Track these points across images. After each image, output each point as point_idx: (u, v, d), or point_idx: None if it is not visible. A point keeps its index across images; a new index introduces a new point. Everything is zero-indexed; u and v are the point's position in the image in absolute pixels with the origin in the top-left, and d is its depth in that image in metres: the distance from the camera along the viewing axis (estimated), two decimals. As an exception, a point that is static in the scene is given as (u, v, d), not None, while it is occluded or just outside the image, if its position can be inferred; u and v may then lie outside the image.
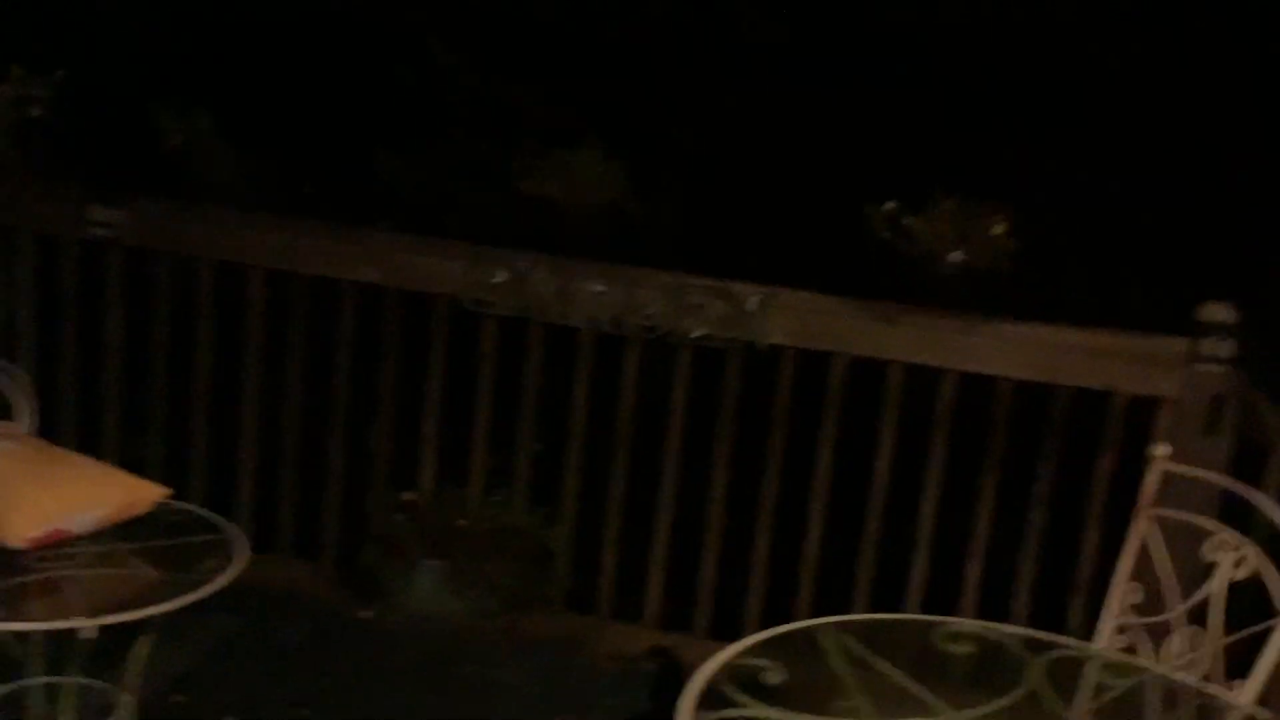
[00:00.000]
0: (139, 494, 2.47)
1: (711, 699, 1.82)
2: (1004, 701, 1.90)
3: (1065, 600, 3.13)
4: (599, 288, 3.34)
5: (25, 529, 2.28)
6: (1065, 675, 2.05)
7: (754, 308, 3.26)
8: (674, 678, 3.29)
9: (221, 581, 2.36)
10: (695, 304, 3.29)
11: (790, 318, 3.26)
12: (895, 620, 2.09)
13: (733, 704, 1.81)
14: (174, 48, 3.97)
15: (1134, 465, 2.97)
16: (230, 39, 4.16)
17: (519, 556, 3.44)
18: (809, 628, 2.05)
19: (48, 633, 2.41)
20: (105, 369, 3.57)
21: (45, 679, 2.56)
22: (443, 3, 4.21)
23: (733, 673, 1.89)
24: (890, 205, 3.19)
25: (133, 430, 3.59)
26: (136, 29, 3.84)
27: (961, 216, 3.18)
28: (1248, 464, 2.80)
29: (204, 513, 2.63)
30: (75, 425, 3.58)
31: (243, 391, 3.56)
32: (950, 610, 2.22)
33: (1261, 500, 2.28)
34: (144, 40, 3.88)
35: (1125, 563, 2.39)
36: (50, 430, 3.00)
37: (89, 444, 3.47)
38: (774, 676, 1.88)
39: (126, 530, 2.46)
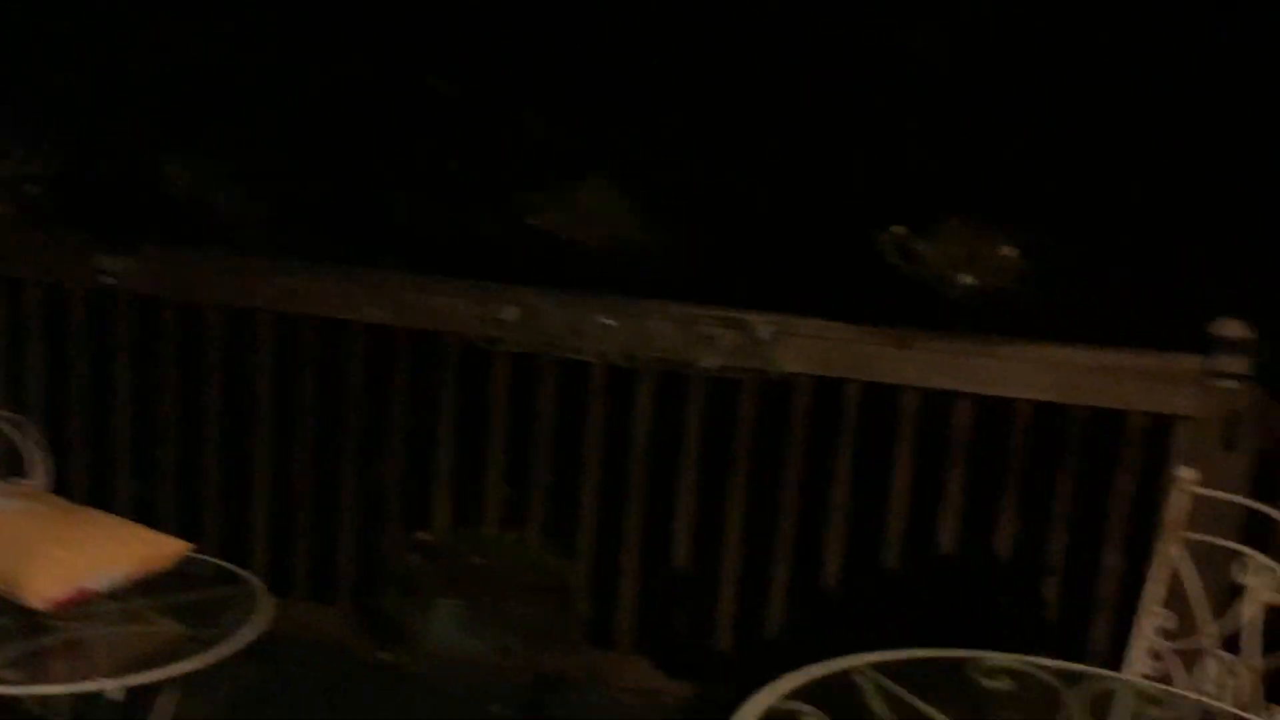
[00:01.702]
0: (161, 549, 2.46)
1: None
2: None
3: (1088, 624, 3.11)
4: (609, 321, 3.34)
5: (48, 590, 2.27)
6: (1102, 707, 2.04)
7: (766, 337, 3.26)
8: (700, 712, 3.29)
9: (246, 636, 2.35)
10: (707, 335, 3.29)
11: (803, 346, 3.25)
12: (928, 657, 2.07)
13: (774, 751, 1.79)
14: (177, 95, 3.97)
15: (1151, 485, 2.98)
16: (231, 81, 4.16)
17: (537, 592, 3.43)
18: (844, 669, 2.03)
19: (73, 694, 2.40)
20: (115, 418, 3.55)
21: (70, 739, 2.54)
22: (443, 36, 4.21)
23: (772, 718, 1.87)
24: (899, 230, 3.19)
25: (145, 478, 3.57)
26: (141, 79, 3.84)
27: (970, 238, 3.18)
28: (1266, 480, 2.80)
29: (225, 565, 2.62)
30: (87, 476, 3.56)
31: (255, 436, 3.54)
32: (976, 639, 2.20)
33: (1286, 518, 2.27)
34: (148, 88, 3.88)
35: (1155, 587, 2.38)
36: (62, 481, 2.99)
37: (101, 494, 3.47)
38: (813, 721, 1.87)
39: (148, 586, 2.45)
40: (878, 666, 2.02)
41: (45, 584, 2.27)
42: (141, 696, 2.30)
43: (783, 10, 3.75)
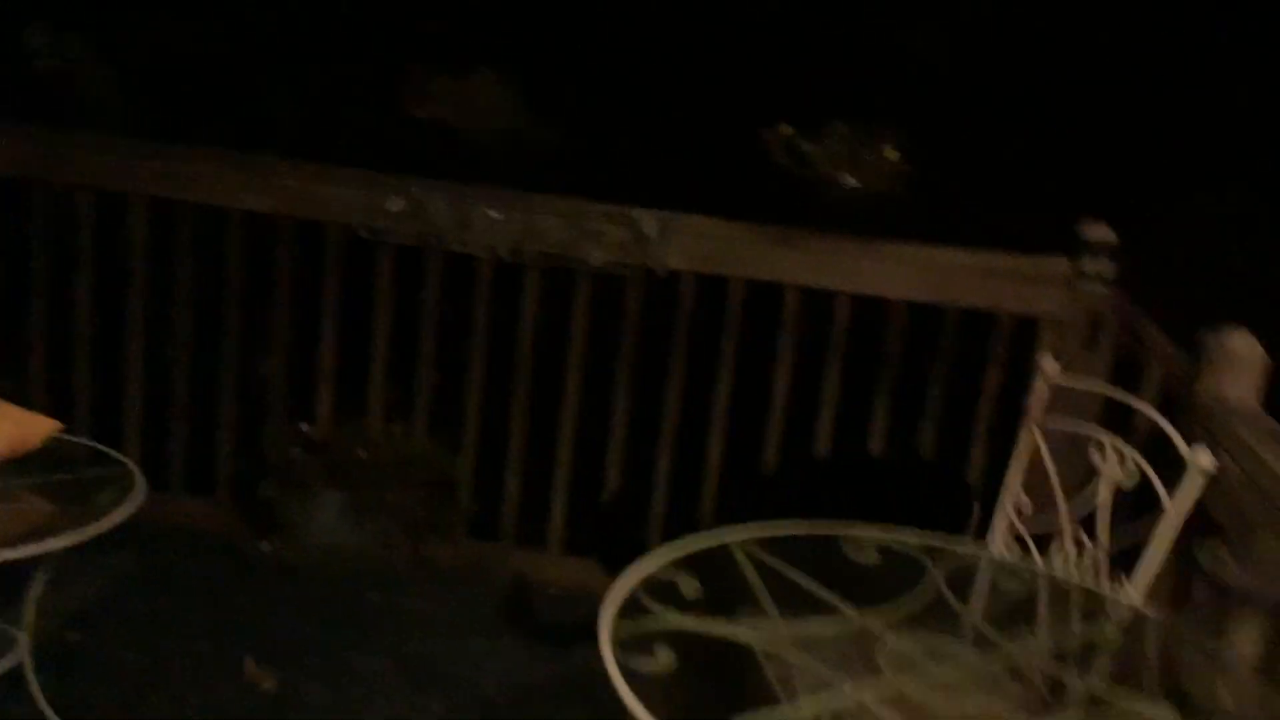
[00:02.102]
0: (30, 428, 2.40)
1: (630, 609, 1.85)
2: (908, 604, 1.99)
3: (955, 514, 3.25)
4: (497, 215, 3.32)
5: (-90, 465, 2.20)
6: (963, 578, 2.15)
7: (653, 233, 3.28)
8: (582, 598, 3.35)
9: (120, 516, 2.31)
10: (595, 230, 3.30)
11: (689, 243, 3.29)
12: (804, 533, 2.15)
13: (650, 613, 1.85)
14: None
15: (1017, 384, 3.11)
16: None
17: (421, 485, 3.43)
18: (720, 542, 2.10)
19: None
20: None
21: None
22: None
23: (650, 585, 1.93)
24: (785, 129, 3.23)
25: (11, 366, 3.45)
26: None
27: (854, 141, 3.23)
28: (1123, 382, 2.94)
29: (98, 446, 2.57)
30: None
31: (128, 325, 3.45)
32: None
33: (1141, 404, 2.40)
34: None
35: (1014, 474, 2.50)
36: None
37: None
38: (689, 588, 1.93)
39: (18, 466, 2.39)
40: (753, 539, 2.09)
41: (-93, 459, 2.20)
42: (10, 580, 2.26)
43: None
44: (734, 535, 2.11)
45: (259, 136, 3.48)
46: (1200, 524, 2.20)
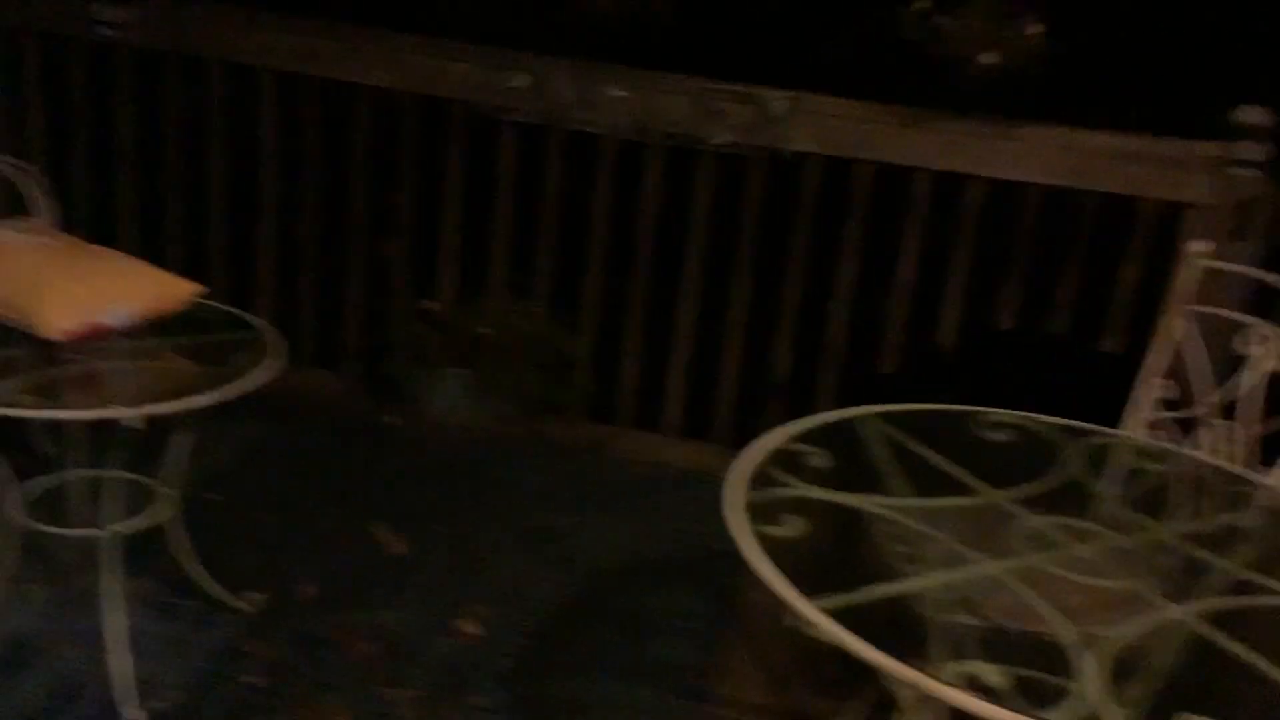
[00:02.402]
0: (173, 290, 2.46)
1: (759, 481, 1.85)
2: (1042, 483, 1.95)
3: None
4: (620, 92, 3.27)
5: (61, 321, 2.27)
6: (1100, 459, 2.09)
7: (779, 113, 3.21)
8: (699, 480, 3.37)
9: (262, 377, 2.36)
10: (719, 109, 3.23)
11: (816, 123, 3.21)
12: (934, 410, 2.12)
13: (780, 484, 1.85)
14: None
15: (1153, 274, 2.99)
16: None
17: (540, 365, 3.47)
18: (850, 417, 2.07)
19: (87, 426, 2.44)
20: (118, 169, 3.51)
21: (87, 471, 2.60)
22: None
23: (778, 458, 1.92)
24: (921, 3, 3.10)
25: (149, 236, 3.55)
26: None
27: (995, 16, 3.08)
28: (1275, 269, 2.81)
29: (236, 311, 2.62)
30: (91, 228, 3.53)
31: (260, 198, 3.51)
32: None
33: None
34: None
35: (1156, 359, 2.42)
36: (66, 230, 2.96)
37: (105, 244, 3.45)
38: (818, 460, 1.92)
39: (160, 326, 2.46)
40: (884, 416, 2.06)
41: (59, 316, 2.27)
42: (153, 438, 2.34)
43: None
44: (862, 411, 2.09)
45: (381, 11, 3.45)
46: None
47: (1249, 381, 2.18)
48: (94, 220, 3.53)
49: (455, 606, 2.70)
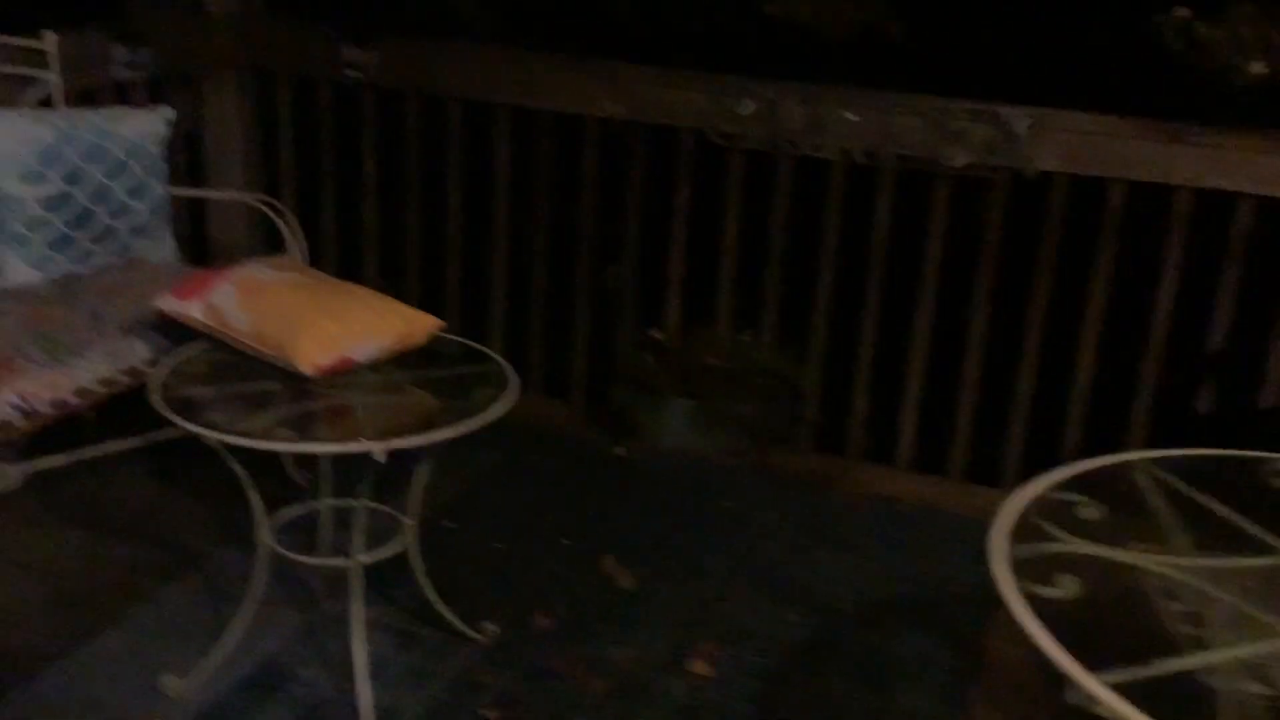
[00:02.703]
0: (416, 325, 2.52)
1: (1024, 533, 1.72)
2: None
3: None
4: (852, 116, 3.18)
5: (316, 357, 2.35)
6: None
7: (1023, 131, 3.05)
8: (935, 517, 3.23)
9: (497, 412, 2.39)
10: (957, 130, 3.10)
11: (1063, 141, 3.03)
12: (1215, 456, 1.93)
13: (1049, 538, 1.72)
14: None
15: None
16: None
17: (767, 395, 3.40)
18: (1121, 463, 1.92)
19: (335, 457, 2.51)
20: (363, 204, 3.65)
21: (334, 501, 2.69)
22: None
23: (1044, 507, 1.79)
24: (1182, 11, 2.89)
25: (390, 267, 3.68)
26: None
27: (1264, 21, 2.84)
28: None
29: (474, 345, 2.67)
30: (337, 259, 3.69)
31: (493, 229, 3.58)
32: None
33: None
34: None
35: None
36: (314, 263, 3.09)
37: (350, 277, 3.59)
38: (1088, 511, 1.77)
39: (402, 360, 2.52)
40: (1160, 462, 1.90)
41: (314, 351, 2.35)
42: (395, 468, 2.39)
43: None
44: (1134, 456, 1.93)
45: (607, 41, 3.47)
46: None
47: None
48: (340, 254, 3.69)
49: (685, 644, 2.65)
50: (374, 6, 3.55)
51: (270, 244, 3.62)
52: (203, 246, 3.64)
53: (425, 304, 3.55)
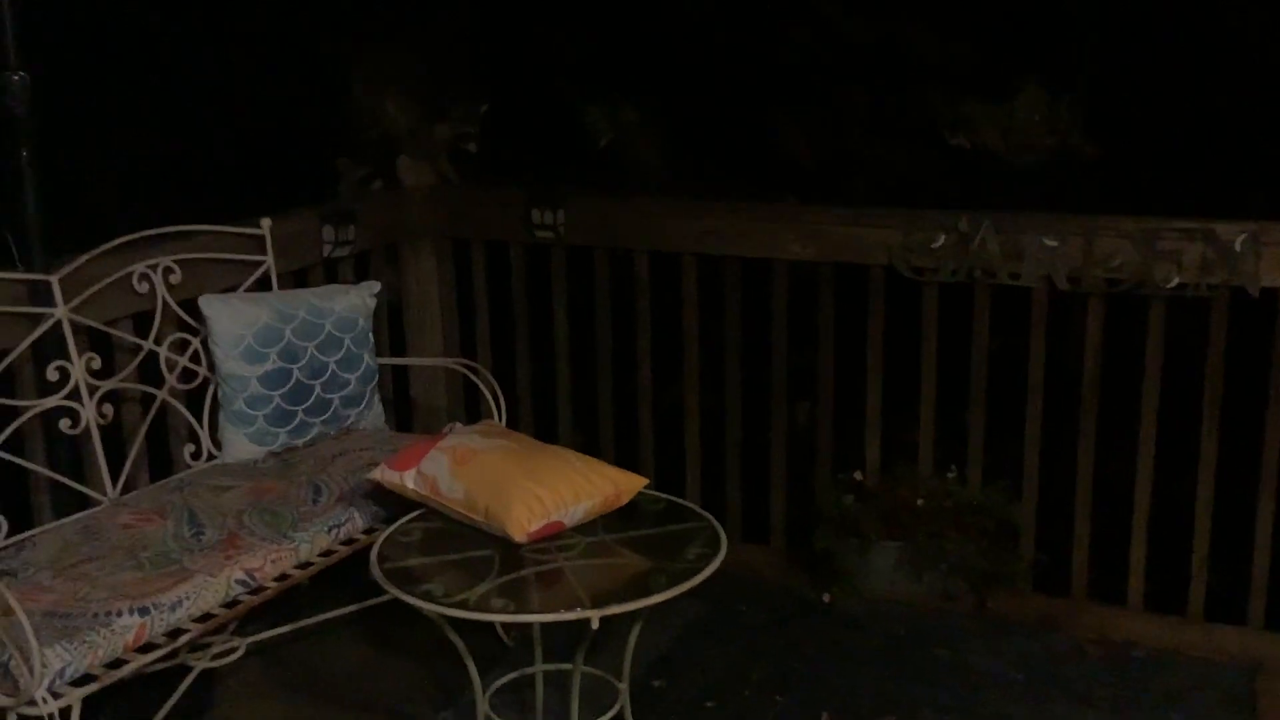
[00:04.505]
0: (622, 485, 2.51)
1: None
2: None
3: None
4: (1052, 242, 3.08)
5: (526, 523, 2.36)
6: None
7: (1242, 248, 2.89)
8: (1173, 662, 3.00)
9: (709, 570, 2.34)
10: (1169, 250, 2.96)
11: (1287, 256, 2.86)
12: None
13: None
14: (589, 47, 4.06)
15: None
16: (629, 26, 4.18)
17: (980, 534, 3.25)
18: None
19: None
20: (555, 360, 3.70)
21: (548, 666, 2.66)
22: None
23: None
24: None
25: (582, 417, 3.71)
26: (556, 36, 3.97)
27: None
28: None
29: (678, 501, 2.64)
30: (532, 414, 3.74)
31: (683, 374, 3.58)
32: None
33: None
34: (563, 43, 4.01)
35: None
36: (511, 421, 3.13)
37: (547, 431, 3.64)
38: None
39: (611, 520, 2.51)
40: None
41: (524, 518, 2.36)
42: (604, 627, 2.35)
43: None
44: None
45: (789, 180, 3.48)
46: None
47: None
48: (535, 406, 3.75)
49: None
50: (561, 169, 3.66)
51: (469, 401, 3.71)
52: (406, 407, 3.75)
53: (620, 451, 3.61)
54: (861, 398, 3.41)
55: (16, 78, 2.53)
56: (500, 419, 3.04)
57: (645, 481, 2.54)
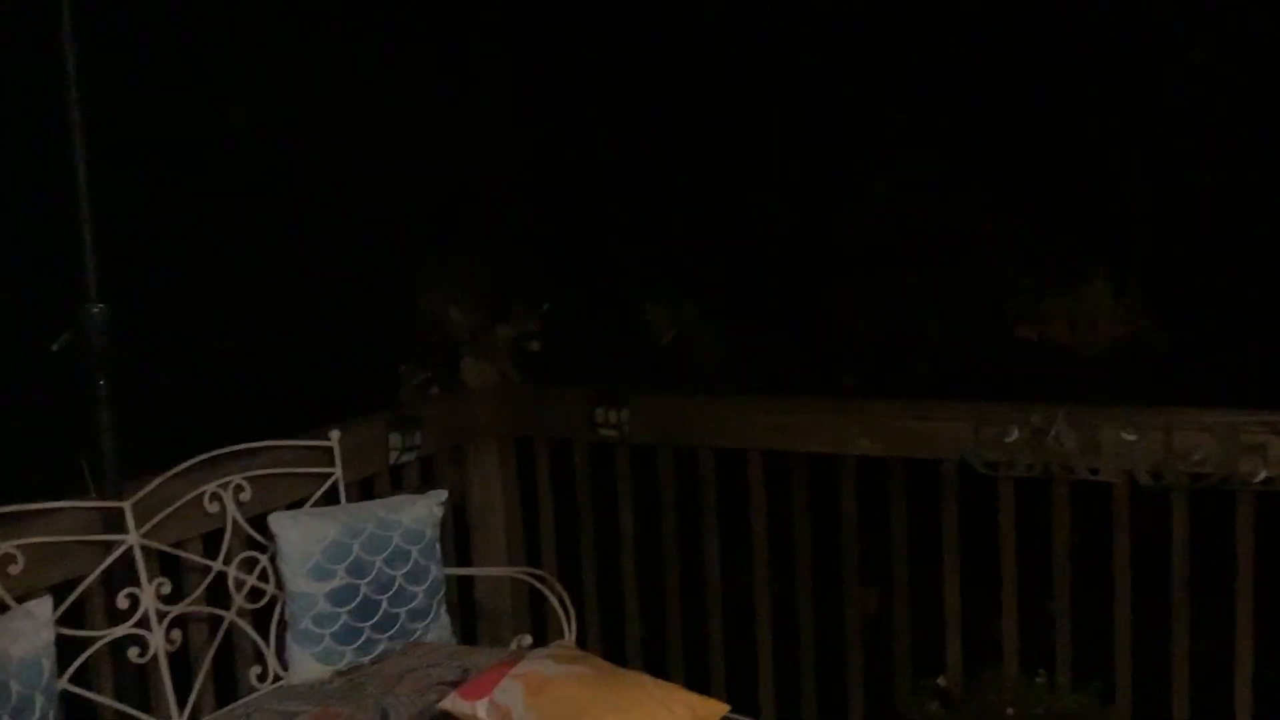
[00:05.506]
0: (702, 712, 2.41)
1: None
2: None
3: None
4: (1130, 436, 3.00)
5: (604, 758, 2.27)
6: None
7: (1332, 440, 2.80)
8: None
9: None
10: (1255, 444, 2.88)
11: (1380, 447, 2.76)
12: None
13: None
14: (650, 246, 4.13)
15: None
16: (689, 222, 4.27)
17: (1075, 742, 3.08)
18: None
19: None
20: (622, 563, 3.63)
21: None
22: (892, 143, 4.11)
23: None
24: None
25: (649, 618, 3.61)
26: (617, 236, 4.05)
27: None
28: None
29: (758, 724, 2.53)
30: (599, 619, 3.65)
31: (753, 575, 3.49)
32: None
33: None
34: (624, 242, 4.08)
35: None
36: (578, 630, 3.05)
37: (613, 638, 3.55)
38: None
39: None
40: None
41: (601, 751, 2.27)
42: None
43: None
44: None
45: (850, 362, 3.45)
46: None
47: None
48: (601, 609, 3.65)
49: None
50: (624, 366, 3.66)
51: (534, 603, 3.63)
52: (470, 612, 3.68)
53: (689, 658, 3.49)
54: (938, 592, 3.29)
55: (96, 310, 2.58)
56: (570, 634, 2.96)
57: (725, 709, 2.44)
